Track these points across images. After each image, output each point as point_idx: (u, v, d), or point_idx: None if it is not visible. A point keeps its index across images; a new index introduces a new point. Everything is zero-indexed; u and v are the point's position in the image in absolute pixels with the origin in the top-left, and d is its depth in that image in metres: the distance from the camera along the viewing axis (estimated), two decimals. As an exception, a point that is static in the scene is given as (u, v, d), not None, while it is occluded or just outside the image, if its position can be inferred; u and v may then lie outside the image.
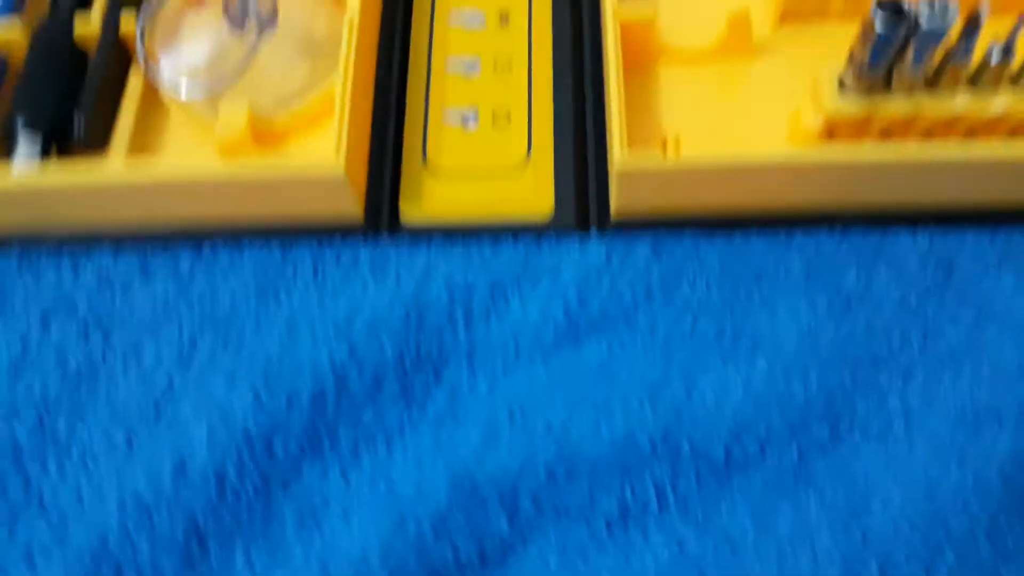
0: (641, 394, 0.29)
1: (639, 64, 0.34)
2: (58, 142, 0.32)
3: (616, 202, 0.31)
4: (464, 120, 0.34)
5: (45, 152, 0.32)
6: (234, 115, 0.31)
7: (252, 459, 0.29)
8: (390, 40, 0.35)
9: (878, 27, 0.27)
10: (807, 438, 0.29)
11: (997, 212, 0.32)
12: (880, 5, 0.27)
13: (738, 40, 0.33)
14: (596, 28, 0.34)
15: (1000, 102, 0.29)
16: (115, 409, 0.30)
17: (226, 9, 0.32)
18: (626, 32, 0.32)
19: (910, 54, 0.28)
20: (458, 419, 0.29)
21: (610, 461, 0.28)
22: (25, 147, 0.31)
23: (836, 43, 0.33)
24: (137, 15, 0.33)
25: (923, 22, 0.27)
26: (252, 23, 0.32)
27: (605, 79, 0.31)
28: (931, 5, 0.27)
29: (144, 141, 0.34)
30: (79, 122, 0.32)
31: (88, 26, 0.34)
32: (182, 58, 0.33)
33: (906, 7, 0.27)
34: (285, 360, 0.30)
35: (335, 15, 0.34)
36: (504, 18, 0.36)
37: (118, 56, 0.34)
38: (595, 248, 0.32)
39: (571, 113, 0.33)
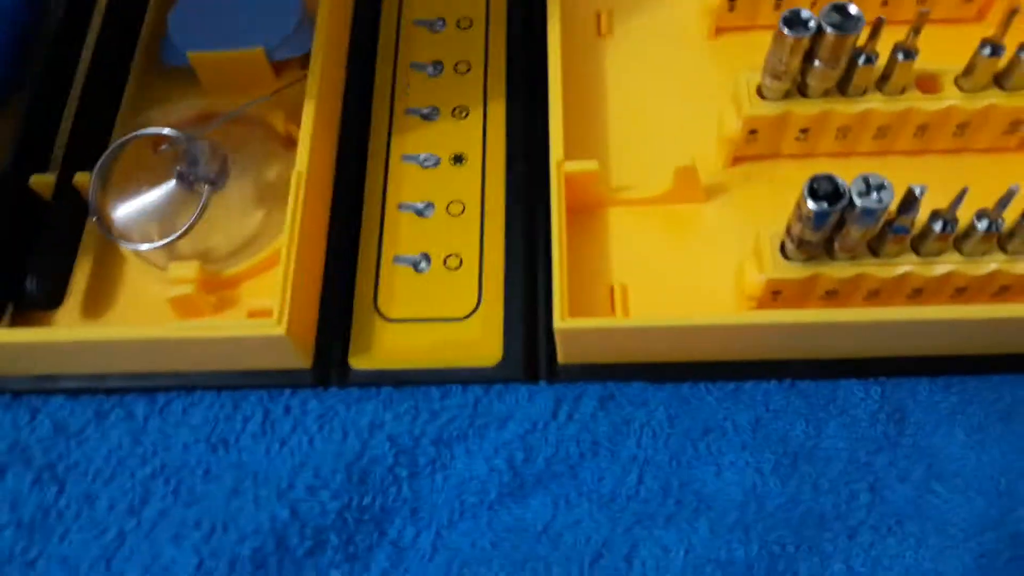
0: (583, 559, 0.29)
1: (588, 210, 0.34)
2: (14, 297, 0.33)
3: (562, 354, 0.32)
4: (416, 264, 0.34)
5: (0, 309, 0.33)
6: (184, 273, 0.32)
7: (194, 622, 0.29)
8: (344, 184, 0.36)
9: (812, 208, 0.27)
10: (748, 604, 0.29)
11: (950, 360, 0.32)
12: (812, 186, 0.27)
13: (686, 189, 0.33)
14: (547, 176, 0.34)
15: (944, 266, 0.29)
16: (67, 561, 0.31)
17: (176, 170, 0.33)
18: (573, 183, 0.32)
19: (850, 228, 0.28)
20: (400, 581, 0.29)
21: (548, 629, 0.28)
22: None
23: (788, 182, 0.34)
24: (91, 169, 0.33)
25: (857, 202, 0.27)
26: (202, 183, 0.32)
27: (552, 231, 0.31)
28: (866, 182, 0.27)
29: (99, 292, 0.34)
30: (32, 284, 0.32)
31: (46, 180, 0.35)
32: (134, 212, 0.33)
33: (841, 185, 0.27)
34: (229, 520, 0.30)
35: (290, 160, 0.35)
36: (459, 158, 0.36)
37: (74, 210, 0.35)
38: (543, 398, 0.32)
39: (522, 259, 0.34)
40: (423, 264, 0.34)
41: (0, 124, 0.37)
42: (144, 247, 0.33)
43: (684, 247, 0.34)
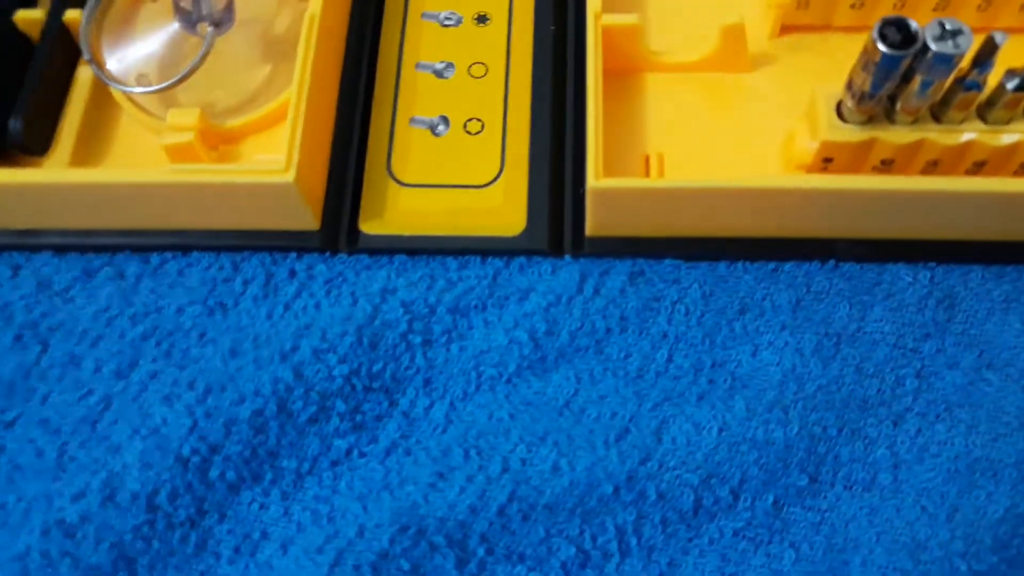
0: (608, 434, 0.27)
1: (624, 75, 0.32)
2: (-2, 140, 0.30)
3: (592, 223, 0.29)
4: (434, 127, 0.32)
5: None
6: (183, 120, 0.29)
7: (185, 485, 0.27)
8: (359, 38, 0.33)
9: (882, 50, 0.24)
10: (784, 487, 0.27)
11: (1005, 247, 0.29)
12: (884, 25, 0.24)
13: (732, 54, 0.31)
14: (580, 34, 0.31)
15: (1012, 135, 0.27)
16: (48, 423, 0.28)
17: (177, 5, 0.30)
18: (610, 40, 0.30)
19: (916, 81, 0.25)
20: (411, 452, 0.27)
21: (570, 504, 0.26)
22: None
23: (839, 57, 0.32)
24: (83, 7, 0.31)
25: (932, 46, 0.24)
26: (205, 22, 0.30)
27: (586, 90, 0.29)
28: (942, 26, 0.24)
29: (90, 142, 0.32)
30: (17, 124, 0.30)
31: (33, 15, 0.32)
32: (131, 55, 0.30)
33: (914, 28, 0.24)
34: (227, 381, 0.28)
35: (299, 13, 0.32)
36: (482, 18, 0.33)
37: (64, 50, 0.32)
38: (567, 272, 0.29)
39: (549, 125, 0.31)
40: (441, 127, 0.32)
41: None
42: (140, 90, 0.30)
43: (726, 117, 0.31)
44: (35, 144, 0.31)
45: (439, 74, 0.33)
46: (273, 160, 0.28)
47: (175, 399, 0.28)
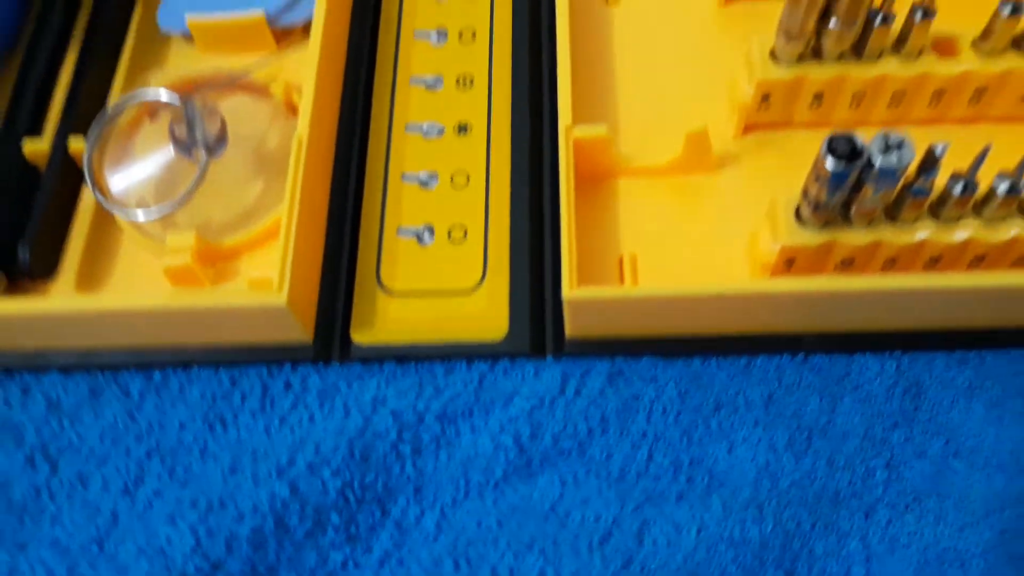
0: (592, 537, 0.28)
1: (597, 180, 0.33)
2: (4, 264, 0.32)
3: (571, 327, 0.31)
4: (420, 236, 0.33)
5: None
6: (181, 243, 0.31)
7: (191, 603, 0.28)
8: (346, 152, 0.34)
9: (829, 168, 0.26)
10: (763, 582, 0.28)
11: (967, 335, 0.31)
12: (833, 140, 0.26)
13: (698, 157, 0.32)
14: (554, 144, 0.33)
15: (964, 231, 0.28)
16: (58, 543, 0.30)
17: (172, 134, 0.32)
18: (581, 150, 0.31)
19: (867, 189, 0.27)
20: (403, 562, 0.28)
21: (558, 608, 0.27)
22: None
23: (802, 153, 0.33)
24: (86, 133, 0.32)
25: (876, 161, 0.26)
26: (200, 149, 0.31)
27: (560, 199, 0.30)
28: (885, 141, 0.26)
29: (94, 263, 0.33)
30: (25, 253, 0.31)
31: (38, 145, 0.34)
32: (130, 180, 0.32)
33: (859, 144, 0.26)
34: (227, 498, 0.29)
35: (289, 130, 0.34)
36: (463, 127, 0.35)
37: (68, 176, 0.34)
38: (550, 373, 0.31)
39: (528, 231, 0.33)
40: (427, 236, 0.33)
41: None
42: (140, 215, 0.32)
43: (695, 218, 0.33)
44: (42, 270, 0.32)
45: (424, 184, 0.34)
46: (266, 281, 0.30)
47: (179, 517, 0.29)
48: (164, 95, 0.32)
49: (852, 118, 0.33)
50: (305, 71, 0.33)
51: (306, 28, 0.36)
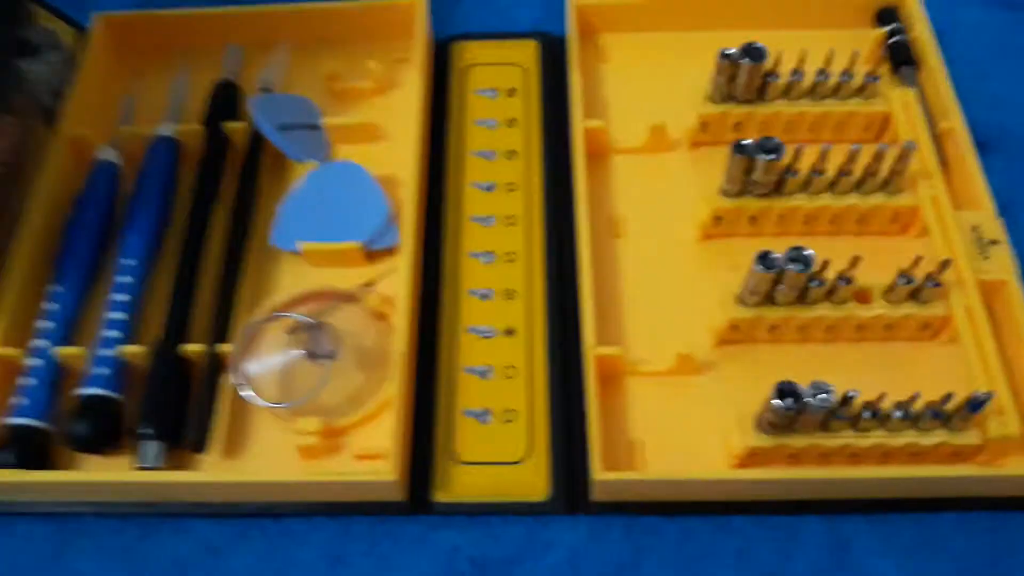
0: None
1: (613, 380, 0.45)
2: (175, 443, 0.43)
3: (596, 494, 0.42)
4: (480, 417, 0.45)
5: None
6: (308, 427, 0.42)
7: None
8: (426, 352, 0.46)
9: (776, 407, 0.38)
10: None
11: (887, 503, 0.43)
12: (780, 388, 0.38)
13: (686, 365, 0.45)
14: (578, 358, 0.45)
15: (873, 439, 0.41)
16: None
17: (303, 345, 0.43)
18: (602, 362, 0.43)
19: (806, 416, 0.39)
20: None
21: None
22: (151, 453, 0.42)
23: (762, 362, 0.45)
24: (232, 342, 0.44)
25: (810, 402, 0.38)
26: (325, 358, 0.43)
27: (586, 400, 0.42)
28: (816, 388, 0.38)
29: (235, 437, 0.44)
30: (190, 434, 0.43)
31: (194, 348, 0.45)
32: (268, 379, 0.44)
33: (799, 389, 0.38)
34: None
35: (381, 330, 0.46)
36: (509, 331, 0.47)
37: (215, 370, 0.45)
38: (582, 527, 0.43)
39: (563, 415, 0.45)
40: (486, 417, 0.45)
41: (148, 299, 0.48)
42: (280, 407, 0.43)
43: (685, 411, 0.45)
44: (200, 446, 0.43)
45: (482, 375, 0.46)
46: (375, 456, 0.42)
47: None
48: (300, 317, 0.44)
49: (798, 338, 0.46)
50: (400, 292, 0.45)
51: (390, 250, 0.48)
